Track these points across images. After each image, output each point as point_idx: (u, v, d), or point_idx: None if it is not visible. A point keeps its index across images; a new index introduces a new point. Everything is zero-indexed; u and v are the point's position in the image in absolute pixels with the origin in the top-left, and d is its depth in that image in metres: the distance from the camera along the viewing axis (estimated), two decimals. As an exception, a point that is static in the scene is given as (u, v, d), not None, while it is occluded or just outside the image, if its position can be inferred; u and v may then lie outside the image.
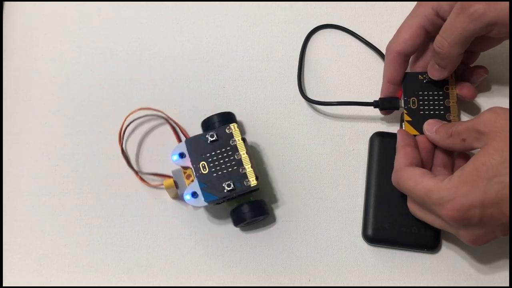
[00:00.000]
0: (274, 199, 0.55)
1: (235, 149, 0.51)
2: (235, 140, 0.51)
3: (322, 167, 0.56)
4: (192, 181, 0.51)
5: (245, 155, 0.51)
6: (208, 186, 0.50)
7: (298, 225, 0.54)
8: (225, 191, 0.50)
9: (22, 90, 0.59)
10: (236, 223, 0.52)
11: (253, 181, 0.50)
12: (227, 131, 0.52)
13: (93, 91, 0.58)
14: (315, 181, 0.55)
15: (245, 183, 0.50)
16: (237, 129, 0.52)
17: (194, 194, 0.50)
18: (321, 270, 0.53)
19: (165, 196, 0.54)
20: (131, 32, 0.61)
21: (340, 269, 0.53)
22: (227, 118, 0.54)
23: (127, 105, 0.58)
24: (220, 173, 0.50)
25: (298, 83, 0.58)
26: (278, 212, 0.54)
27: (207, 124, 0.54)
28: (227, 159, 0.51)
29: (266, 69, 0.59)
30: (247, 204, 0.51)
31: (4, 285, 0.53)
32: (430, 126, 0.51)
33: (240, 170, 0.50)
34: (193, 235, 0.54)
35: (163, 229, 0.54)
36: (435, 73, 0.52)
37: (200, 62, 0.59)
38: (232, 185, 0.50)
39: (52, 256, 0.54)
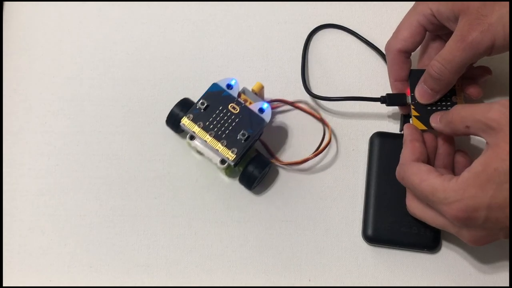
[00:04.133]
0: (274, 199, 0.55)
1: None
2: None
3: (322, 167, 0.56)
4: None
5: None
6: None
7: (298, 225, 0.54)
8: None
9: (22, 90, 0.59)
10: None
11: None
12: None
13: (93, 91, 0.58)
14: (315, 181, 0.55)
15: None
16: None
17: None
18: (321, 270, 0.53)
19: (165, 196, 0.55)
20: (131, 32, 0.61)
21: (340, 269, 0.53)
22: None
23: (127, 105, 0.58)
24: None
25: (302, 80, 0.58)
26: (278, 212, 0.54)
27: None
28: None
29: (266, 69, 0.59)
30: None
31: (4, 285, 0.53)
32: (435, 118, 0.50)
33: None
34: (193, 235, 0.54)
35: (163, 229, 0.54)
36: (427, 97, 0.52)
37: (200, 62, 0.59)
38: None
39: (52, 256, 0.54)
